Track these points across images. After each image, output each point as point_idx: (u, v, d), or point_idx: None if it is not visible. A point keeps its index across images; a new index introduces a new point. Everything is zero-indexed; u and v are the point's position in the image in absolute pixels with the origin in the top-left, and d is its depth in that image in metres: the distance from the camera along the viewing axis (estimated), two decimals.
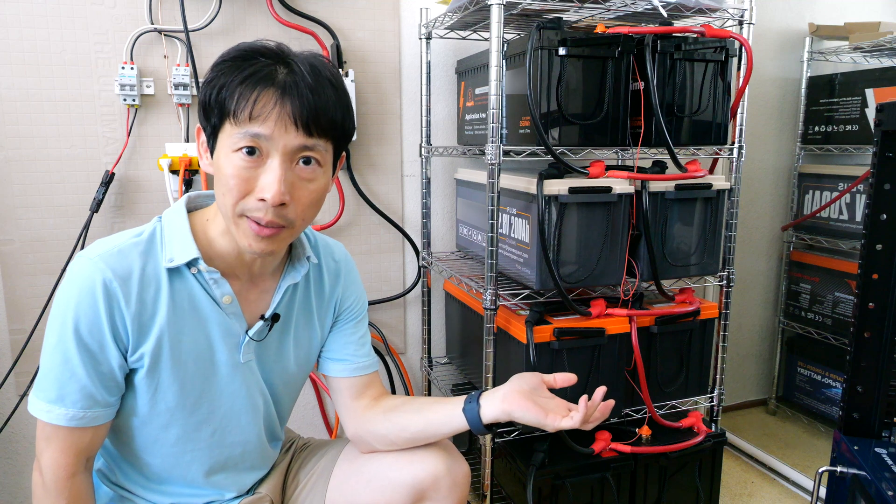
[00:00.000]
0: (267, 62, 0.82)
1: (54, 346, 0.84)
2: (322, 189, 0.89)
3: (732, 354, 2.37)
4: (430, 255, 1.85)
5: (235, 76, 0.81)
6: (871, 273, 1.11)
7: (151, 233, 0.89)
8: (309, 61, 0.84)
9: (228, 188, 0.82)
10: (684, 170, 1.46)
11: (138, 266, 0.86)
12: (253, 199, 0.82)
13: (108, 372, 0.86)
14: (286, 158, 0.83)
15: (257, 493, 1.06)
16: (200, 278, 0.90)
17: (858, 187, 2.05)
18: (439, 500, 1.03)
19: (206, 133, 0.87)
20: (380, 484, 1.04)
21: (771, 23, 2.20)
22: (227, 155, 0.82)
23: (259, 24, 1.65)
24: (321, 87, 0.83)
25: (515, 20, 1.60)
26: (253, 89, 0.80)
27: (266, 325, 0.96)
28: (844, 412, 1.16)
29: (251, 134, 0.80)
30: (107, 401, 0.87)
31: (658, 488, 1.58)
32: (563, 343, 1.42)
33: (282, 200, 0.82)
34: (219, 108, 0.82)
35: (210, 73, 0.84)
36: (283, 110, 0.80)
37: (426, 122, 1.79)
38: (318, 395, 1.88)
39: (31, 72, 1.50)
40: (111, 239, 0.88)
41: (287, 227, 0.86)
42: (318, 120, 0.83)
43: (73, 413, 0.84)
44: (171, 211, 0.92)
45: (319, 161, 0.86)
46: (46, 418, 0.85)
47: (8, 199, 1.53)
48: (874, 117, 1.08)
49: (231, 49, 0.85)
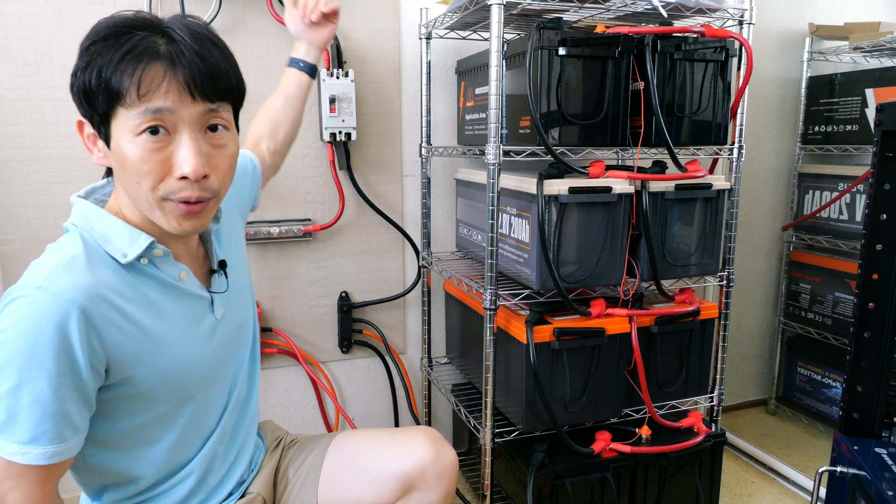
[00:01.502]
0: (143, 34, 0.77)
1: (15, 388, 0.75)
2: (235, 152, 0.87)
3: (732, 354, 2.37)
4: (430, 255, 1.86)
5: (114, 55, 0.76)
6: (871, 273, 1.11)
7: (83, 241, 0.83)
8: (186, 25, 0.80)
9: (142, 174, 0.78)
10: (684, 170, 1.46)
11: (94, 277, 0.79)
12: (172, 179, 0.79)
13: (84, 398, 0.79)
14: (194, 129, 0.79)
15: (249, 493, 1.06)
16: (151, 266, 0.87)
17: (858, 187, 2.05)
18: (427, 488, 1.05)
19: (92, 124, 0.81)
20: (369, 477, 1.06)
21: (771, 23, 2.20)
22: (129, 140, 0.77)
23: (259, 23, 1.65)
24: (206, 51, 0.79)
25: (515, 20, 1.60)
26: (137, 65, 0.75)
27: (220, 274, 0.97)
28: (844, 412, 1.16)
29: (151, 111, 0.76)
30: (81, 426, 0.81)
31: (658, 488, 1.59)
32: (563, 343, 1.42)
33: (204, 172, 0.80)
34: (104, 92, 0.76)
35: (82, 57, 0.78)
36: (175, 81, 0.77)
37: (426, 122, 1.79)
38: (318, 395, 1.88)
39: (31, 72, 1.50)
40: (45, 263, 0.79)
41: (213, 198, 0.84)
42: (215, 84, 0.80)
43: (53, 450, 0.78)
44: (84, 214, 0.86)
45: (226, 125, 0.84)
46: (23, 460, 0.77)
47: (8, 199, 1.53)
48: (874, 117, 1.08)
49: (97, 26, 0.79)
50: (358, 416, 1.94)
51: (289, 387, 1.85)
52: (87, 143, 0.84)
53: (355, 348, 1.89)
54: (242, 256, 1.10)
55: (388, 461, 1.06)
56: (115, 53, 0.76)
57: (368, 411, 1.95)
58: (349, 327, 1.85)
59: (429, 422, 1.98)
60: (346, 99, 1.67)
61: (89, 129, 0.83)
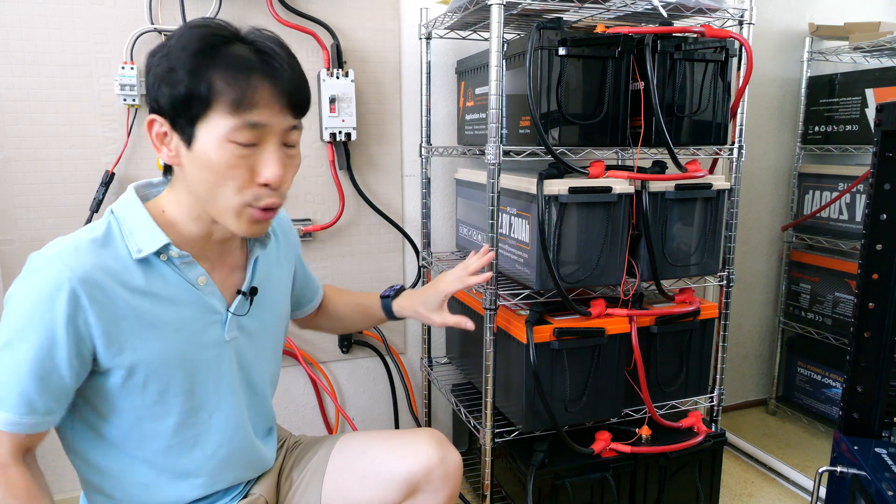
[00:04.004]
0: (244, 46, 0.82)
1: (1, 347, 0.81)
2: (299, 163, 0.91)
3: (732, 354, 2.37)
4: (430, 255, 1.85)
5: (212, 62, 0.79)
6: (871, 273, 1.11)
7: (107, 228, 0.87)
8: (273, 41, 0.85)
9: (226, 178, 0.82)
10: (684, 170, 1.46)
11: (100, 263, 0.83)
12: (255, 186, 0.84)
13: (57, 381, 0.82)
14: (279, 141, 0.85)
15: (251, 494, 1.06)
16: (171, 264, 0.89)
17: (858, 187, 2.05)
18: (432, 490, 1.06)
19: (174, 125, 0.83)
20: (374, 479, 1.06)
21: (771, 23, 2.20)
22: (219, 145, 0.81)
23: (259, 23, 1.62)
24: (294, 66, 0.85)
25: (515, 20, 1.60)
26: (241, 77, 0.80)
27: (245, 299, 0.98)
28: (844, 412, 1.16)
29: (251, 123, 0.81)
30: (49, 408, 0.83)
31: (658, 488, 1.59)
32: (563, 343, 1.42)
33: (284, 181, 0.85)
34: (201, 98, 0.80)
35: (179, 58, 0.80)
36: (275, 96, 0.82)
37: (426, 122, 1.79)
38: (318, 395, 1.88)
39: (31, 72, 1.50)
40: (67, 238, 0.85)
41: (281, 205, 0.89)
42: (302, 101, 0.86)
43: (10, 418, 0.81)
44: (124, 204, 0.90)
45: (298, 139, 0.89)
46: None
47: (8, 199, 1.53)
48: (874, 117, 1.08)
49: (187, 33, 0.82)
50: (358, 417, 1.94)
51: (289, 387, 1.85)
52: (156, 140, 0.86)
53: (355, 348, 1.89)
54: (282, 305, 1.10)
55: (394, 463, 1.06)
56: (213, 61, 0.79)
57: (368, 411, 1.95)
58: None
59: (429, 422, 1.98)
60: (346, 99, 1.67)
61: (162, 128, 0.85)
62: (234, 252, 0.98)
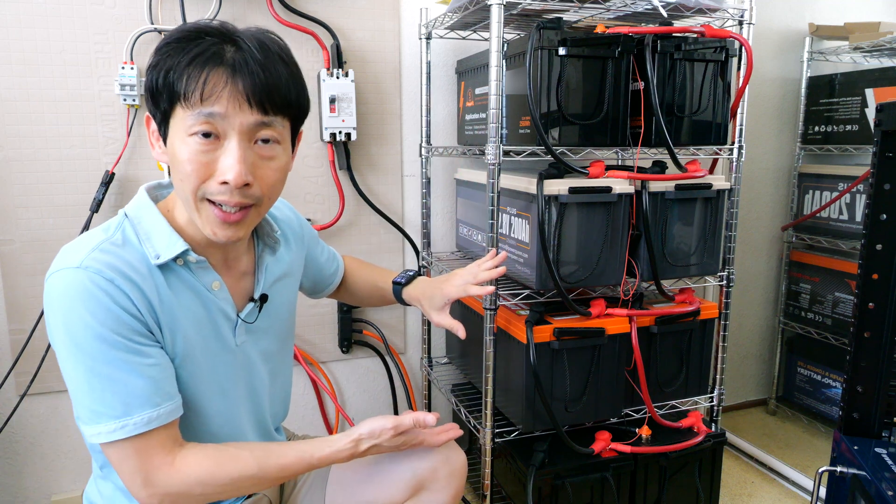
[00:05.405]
0: (213, 41, 0.80)
1: (86, 369, 0.79)
2: (285, 167, 0.88)
3: (732, 354, 2.37)
4: (430, 255, 1.85)
5: (182, 58, 0.79)
6: (871, 273, 1.11)
7: (123, 231, 0.86)
8: (256, 38, 0.83)
9: (186, 174, 0.81)
10: (684, 170, 1.46)
11: (124, 259, 0.83)
12: (214, 182, 0.81)
13: (157, 360, 0.83)
14: (244, 138, 0.81)
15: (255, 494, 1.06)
16: (186, 268, 0.89)
17: (858, 187, 2.05)
18: (437, 489, 1.05)
19: (155, 120, 0.85)
20: (379, 478, 1.06)
21: (771, 23, 2.20)
22: (181, 140, 0.81)
23: (258, 23, 1.62)
24: (271, 64, 0.82)
25: (515, 20, 1.60)
26: (202, 70, 0.78)
27: (256, 306, 0.97)
28: (844, 412, 1.16)
29: (205, 114, 0.79)
30: (167, 392, 0.84)
31: (658, 488, 1.58)
32: (563, 343, 1.42)
33: (245, 181, 0.81)
34: (168, 91, 0.80)
35: (154, 56, 0.81)
36: (234, 88, 0.79)
37: (426, 122, 1.79)
38: (318, 395, 1.88)
39: (31, 72, 1.50)
40: (81, 244, 0.83)
41: (255, 206, 0.86)
42: (272, 97, 0.82)
43: (148, 416, 0.81)
44: (138, 206, 0.89)
45: (278, 139, 0.85)
46: (121, 434, 0.80)
47: (8, 199, 1.53)
48: (874, 117, 1.08)
49: (174, 31, 0.83)
50: (358, 416, 1.94)
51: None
52: (151, 138, 0.88)
53: (355, 348, 1.89)
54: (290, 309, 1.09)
55: (399, 463, 1.06)
56: (184, 57, 0.79)
57: (368, 411, 1.95)
58: (349, 327, 1.85)
59: None
60: (346, 99, 1.67)
61: (153, 125, 0.86)
62: (242, 258, 0.98)
